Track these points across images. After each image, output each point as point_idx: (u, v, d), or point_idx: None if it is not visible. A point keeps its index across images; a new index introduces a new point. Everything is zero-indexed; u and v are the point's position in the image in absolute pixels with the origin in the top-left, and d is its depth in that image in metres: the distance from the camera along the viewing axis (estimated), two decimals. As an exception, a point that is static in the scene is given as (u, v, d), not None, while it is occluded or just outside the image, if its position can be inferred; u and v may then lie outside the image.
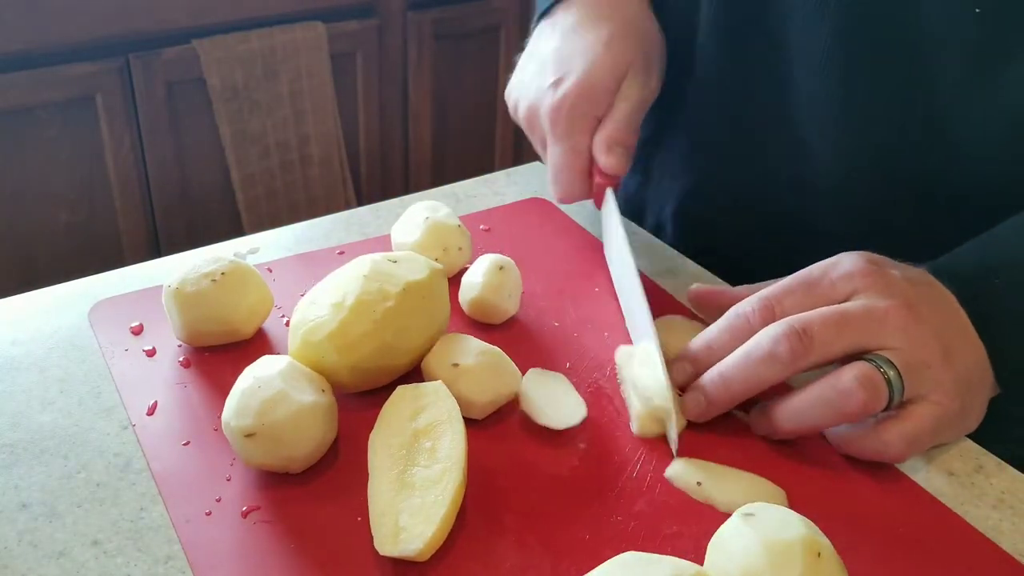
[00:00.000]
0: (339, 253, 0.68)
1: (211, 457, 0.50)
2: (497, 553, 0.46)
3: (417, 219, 0.65)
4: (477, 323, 0.62)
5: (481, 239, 0.71)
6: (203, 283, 0.56)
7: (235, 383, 0.49)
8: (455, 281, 0.64)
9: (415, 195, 0.77)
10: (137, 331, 0.59)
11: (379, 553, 0.44)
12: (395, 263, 0.54)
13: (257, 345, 0.59)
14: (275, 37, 1.71)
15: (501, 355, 0.54)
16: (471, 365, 0.53)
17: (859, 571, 0.45)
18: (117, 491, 0.49)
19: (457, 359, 0.53)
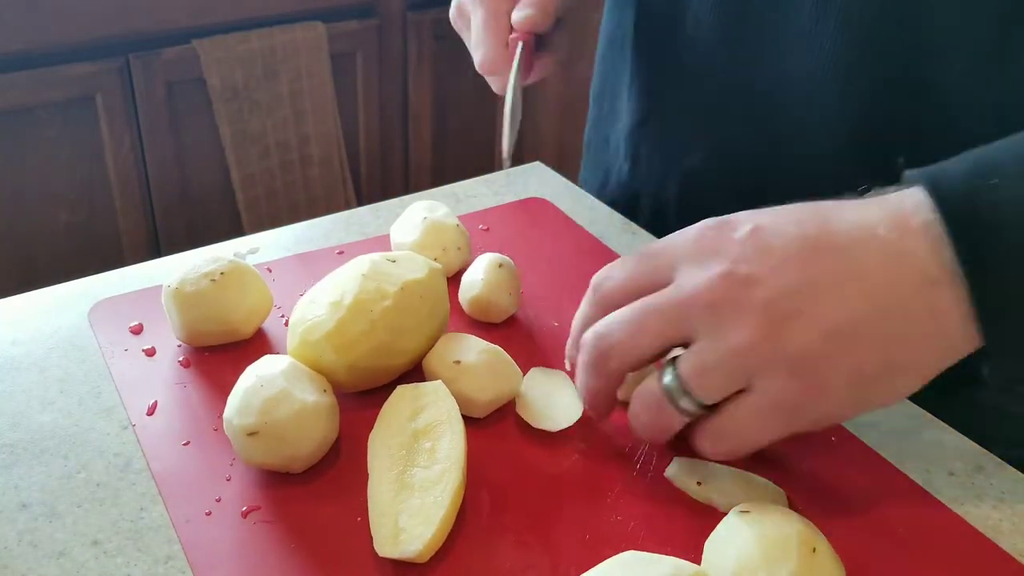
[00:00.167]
0: (338, 253, 0.68)
1: (211, 457, 0.50)
2: (497, 553, 0.46)
3: (416, 219, 0.65)
4: (477, 322, 0.62)
5: (480, 239, 0.71)
6: (203, 283, 0.56)
7: (237, 382, 0.49)
8: (455, 281, 0.64)
9: (415, 195, 0.77)
10: (137, 331, 0.59)
11: (379, 554, 0.44)
12: (394, 263, 0.54)
13: (257, 345, 0.59)
14: (275, 37, 1.70)
15: (503, 354, 0.54)
16: (473, 363, 0.53)
17: (859, 571, 0.45)
18: (117, 491, 0.49)
19: (459, 356, 0.53)
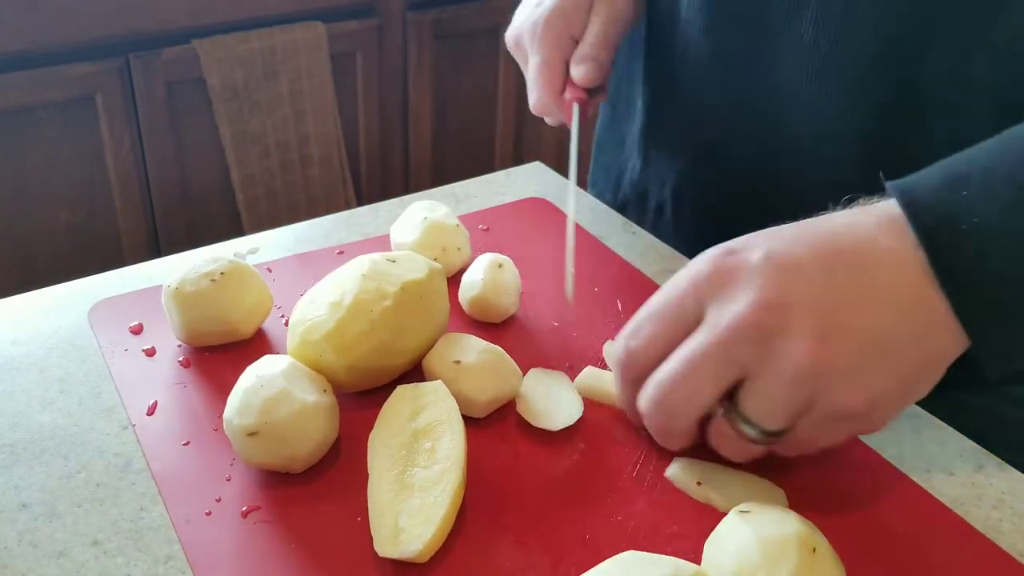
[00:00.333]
0: (338, 253, 0.68)
1: (211, 457, 0.50)
2: (497, 553, 0.46)
3: (416, 219, 0.65)
4: (477, 322, 0.62)
5: (480, 239, 0.71)
6: (203, 283, 0.56)
7: (237, 382, 0.49)
8: (454, 281, 0.64)
9: (415, 195, 0.77)
10: (137, 331, 0.59)
11: (379, 554, 0.44)
12: (394, 263, 0.54)
13: (257, 345, 0.59)
14: (275, 37, 1.70)
15: (503, 354, 0.54)
16: (473, 363, 0.53)
17: (859, 571, 0.45)
18: (117, 491, 0.49)
19: (459, 356, 0.53)
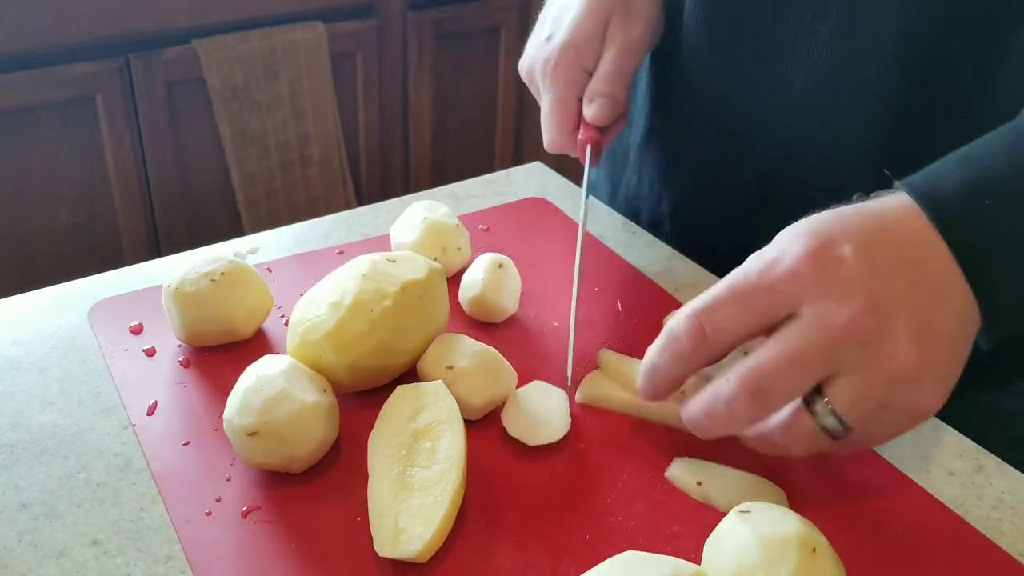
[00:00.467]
0: (338, 253, 0.68)
1: (211, 457, 0.50)
2: (497, 553, 0.46)
3: (416, 219, 0.65)
4: (477, 322, 0.62)
5: (480, 239, 0.71)
6: (203, 283, 0.56)
7: (237, 382, 0.50)
8: (455, 281, 0.64)
9: (415, 195, 0.77)
10: (137, 331, 0.59)
11: (379, 554, 0.44)
12: (394, 263, 0.54)
13: (257, 345, 0.59)
14: (275, 37, 1.70)
15: (496, 355, 0.54)
16: (466, 368, 0.53)
17: (859, 571, 0.45)
18: (117, 491, 0.49)
19: (452, 362, 0.53)
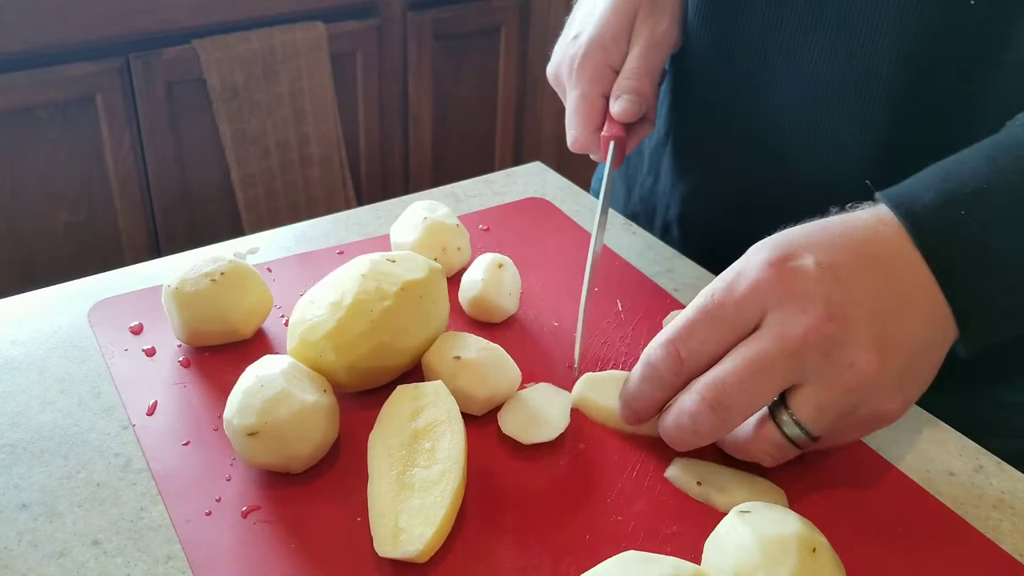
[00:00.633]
0: (338, 253, 0.68)
1: (211, 457, 0.50)
2: (497, 553, 0.46)
3: (416, 219, 0.65)
4: (477, 322, 0.62)
5: (480, 239, 0.71)
6: (203, 283, 0.56)
7: (237, 382, 0.50)
8: (454, 281, 0.64)
9: (415, 195, 0.77)
10: (137, 331, 0.59)
11: (379, 554, 0.44)
12: (394, 263, 0.54)
13: (257, 345, 0.59)
14: (275, 37, 1.70)
15: (502, 352, 0.55)
16: (472, 359, 0.53)
17: (859, 571, 0.45)
18: (117, 491, 0.49)
19: (459, 352, 0.53)
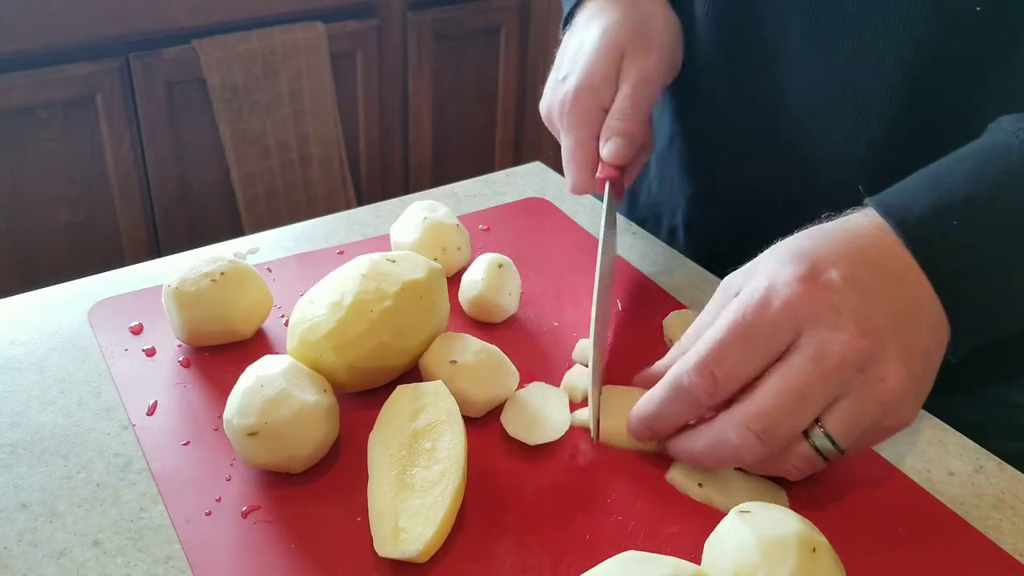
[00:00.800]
0: (339, 253, 0.68)
1: (211, 457, 0.50)
2: (497, 553, 0.46)
3: (416, 219, 0.65)
4: (477, 322, 0.62)
5: (480, 239, 0.71)
6: (202, 283, 0.56)
7: (237, 382, 0.49)
8: (455, 281, 0.64)
9: (415, 195, 0.77)
10: (137, 331, 0.59)
11: (379, 554, 0.44)
12: (394, 263, 0.54)
13: (257, 345, 0.59)
14: (275, 37, 1.70)
15: (499, 354, 0.54)
16: (469, 363, 0.53)
17: (859, 571, 0.45)
18: (117, 491, 0.49)
19: (455, 356, 0.53)
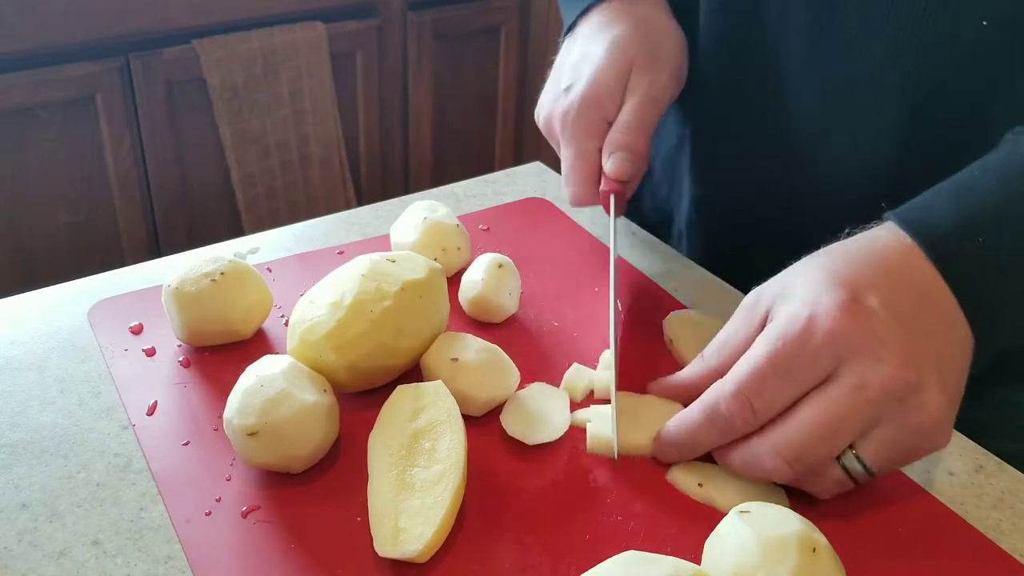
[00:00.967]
0: (339, 253, 0.68)
1: (211, 457, 0.50)
2: (497, 553, 0.46)
3: (416, 219, 0.65)
4: (477, 322, 0.62)
5: (480, 239, 0.71)
6: (202, 283, 0.56)
7: (237, 382, 0.50)
8: (455, 281, 0.64)
9: (415, 195, 0.77)
10: (137, 331, 0.59)
11: (379, 554, 0.44)
12: (394, 263, 0.54)
13: (257, 345, 0.59)
14: (275, 37, 1.70)
15: (500, 353, 0.55)
16: (471, 361, 0.53)
17: (859, 571, 0.45)
18: (117, 491, 0.49)
19: (457, 355, 0.53)
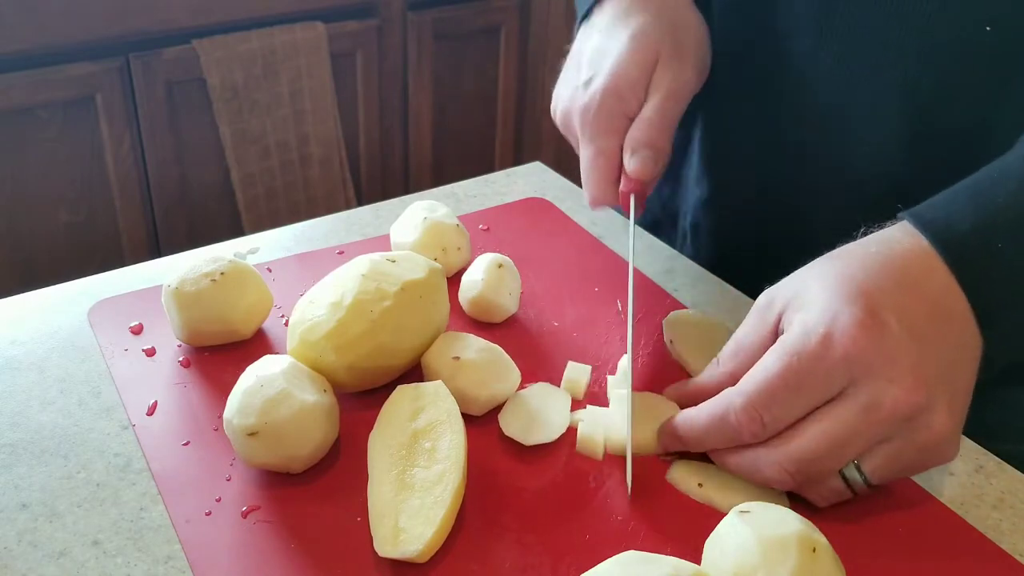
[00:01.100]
0: (339, 253, 0.68)
1: (211, 457, 0.50)
2: (497, 553, 0.46)
3: (416, 219, 0.65)
4: (477, 322, 0.62)
5: (481, 239, 0.71)
6: (202, 283, 0.56)
7: (237, 382, 0.50)
8: (455, 281, 0.64)
9: (415, 195, 0.77)
10: (137, 331, 0.59)
11: (379, 554, 0.44)
12: (394, 263, 0.54)
13: (257, 345, 0.59)
14: (275, 37, 1.70)
15: (501, 352, 0.55)
16: (472, 359, 0.53)
17: (859, 571, 0.45)
18: (117, 491, 0.49)
19: (458, 353, 0.53)
